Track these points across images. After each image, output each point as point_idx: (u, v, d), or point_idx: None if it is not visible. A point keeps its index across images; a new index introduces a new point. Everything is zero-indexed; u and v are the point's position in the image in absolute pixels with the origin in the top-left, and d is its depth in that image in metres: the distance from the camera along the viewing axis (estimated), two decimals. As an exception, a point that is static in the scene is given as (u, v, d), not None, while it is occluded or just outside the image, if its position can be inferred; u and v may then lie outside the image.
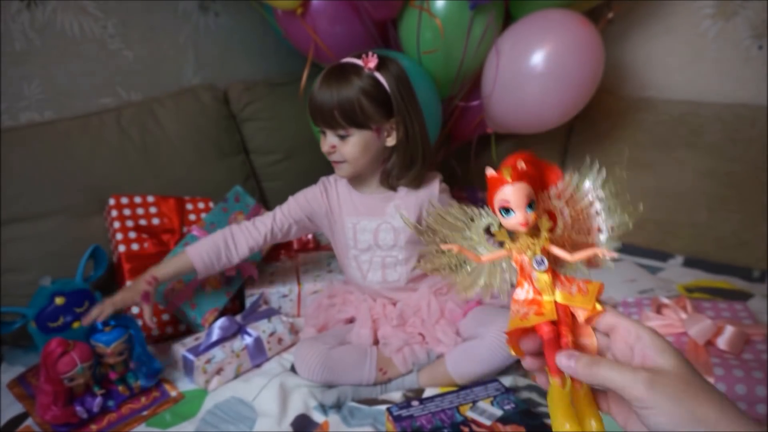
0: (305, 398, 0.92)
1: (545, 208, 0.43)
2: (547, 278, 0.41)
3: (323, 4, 1.20)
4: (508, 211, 0.40)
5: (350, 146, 0.97)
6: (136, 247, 1.14)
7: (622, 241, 0.43)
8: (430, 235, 0.46)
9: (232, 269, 1.15)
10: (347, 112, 0.93)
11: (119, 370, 0.93)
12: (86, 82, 1.32)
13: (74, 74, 1.30)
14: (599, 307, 0.40)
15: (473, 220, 0.45)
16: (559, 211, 0.43)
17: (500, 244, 0.44)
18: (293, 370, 0.99)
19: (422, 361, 0.99)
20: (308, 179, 1.13)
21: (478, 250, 0.45)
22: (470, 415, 0.82)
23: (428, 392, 0.94)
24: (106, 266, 1.09)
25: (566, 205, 0.43)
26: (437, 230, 0.46)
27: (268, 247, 1.10)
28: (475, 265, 0.45)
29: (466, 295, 0.45)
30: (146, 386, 0.95)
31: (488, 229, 0.45)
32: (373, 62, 0.94)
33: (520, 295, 0.42)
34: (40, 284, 1.00)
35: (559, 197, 0.43)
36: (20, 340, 1.08)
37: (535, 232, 0.41)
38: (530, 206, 0.40)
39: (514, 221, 0.40)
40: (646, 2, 1.48)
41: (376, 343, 1.01)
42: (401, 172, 1.01)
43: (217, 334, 1.01)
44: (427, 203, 1.04)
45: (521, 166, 0.40)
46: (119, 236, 1.13)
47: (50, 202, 1.14)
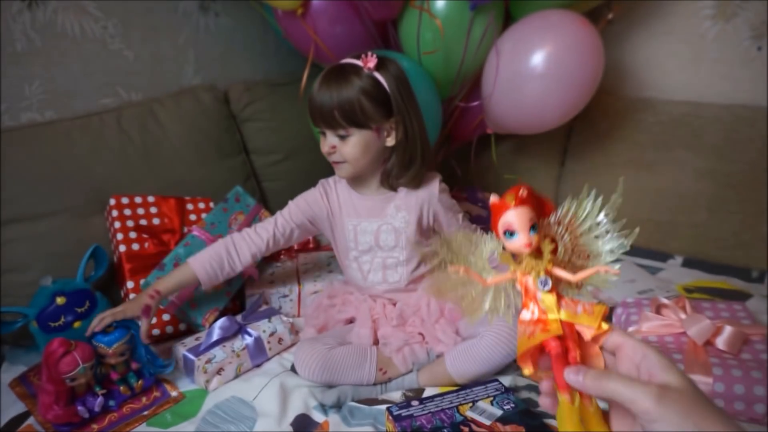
0: (305, 398, 0.92)
1: (546, 233, 0.45)
2: (551, 298, 0.42)
3: (323, 4, 1.20)
4: (512, 234, 0.41)
5: (350, 146, 0.97)
6: (136, 247, 1.14)
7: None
8: (436, 257, 0.47)
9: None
10: (347, 112, 0.94)
11: (121, 370, 0.93)
12: (87, 82, 1.32)
13: (75, 74, 1.30)
14: (605, 326, 0.41)
15: (477, 245, 0.47)
16: (559, 236, 0.45)
17: (503, 268, 0.45)
18: (293, 370, 1.00)
19: (422, 360, 0.99)
20: (308, 179, 1.13)
21: (482, 274, 0.46)
22: (470, 414, 0.82)
23: (428, 392, 0.94)
24: (106, 266, 1.09)
25: (566, 230, 0.45)
26: (443, 254, 0.47)
27: (270, 253, 1.09)
28: (480, 288, 0.46)
29: (471, 318, 0.46)
30: (149, 384, 0.96)
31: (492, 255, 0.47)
32: (372, 62, 0.95)
33: (525, 316, 0.43)
34: (41, 284, 1.01)
35: (558, 223, 0.45)
36: (21, 339, 1.08)
37: (537, 255, 0.43)
38: (533, 229, 0.41)
39: (518, 243, 0.41)
40: (645, 3, 1.48)
41: (376, 342, 1.01)
42: (401, 171, 1.02)
43: (217, 333, 1.01)
44: (427, 203, 1.04)
45: (523, 192, 0.41)
46: (120, 236, 1.14)
47: (51, 202, 1.15)
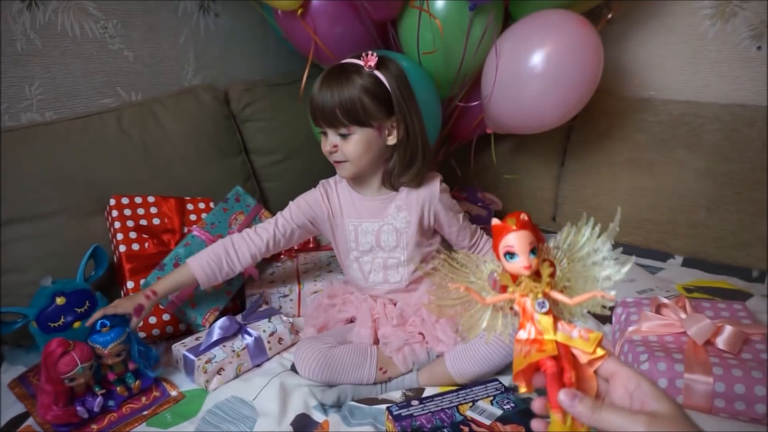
0: (305, 398, 0.92)
1: (545, 257, 0.46)
2: (548, 320, 0.43)
3: (323, 4, 1.20)
4: (512, 255, 0.43)
5: (352, 145, 0.97)
6: (136, 247, 1.14)
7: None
8: (437, 275, 0.49)
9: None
10: (349, 110, 0.94)
11: (118, 370, 0.93)
12: (87, 82, 1.32)
13: (75, 74, 1.30)
14: (600, 351, 0.42)
15: (478, 266, 0.49)
16: (558, 260, 0.46)
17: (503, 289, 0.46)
18: (293, 369, 1.00)
19: (422, 360, 0.99)
20: (308, 179, 1.13)
21: (481, 293, 0.47)
22: (470, 414, 0.82)
23: (428, 391, 0.94)
24: (106, 266, 1.09)
25: (564, 255, 0.46)
26: (444, 273, 0.49)
27: (271, 254, 1.09)
28: (478, 306, 0.47)
29: (469, 335, 0.48)
30: (147, 384, 0.96)
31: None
32: (373, 61, 0.95)
33: (522, 335, 0.44)
34: (40, 284, 1.01)
35: (557, 248, 0.47)
36: (21, 340, 1.08)
37: (536, 277, 0.44)
38: (533, 252, 0.43)
39: (518, 265, 0.43)
40: (645, 3, 1.48)
41: (376, 342, 1.01)
42: (402, 171, 1.02)
43: (217, 333, 1.01)
44: (428, 203, 1.04)
45: (524, 217, 0.43)
46: (120, 236, 1.14)
47: (51, 202, 1.15)
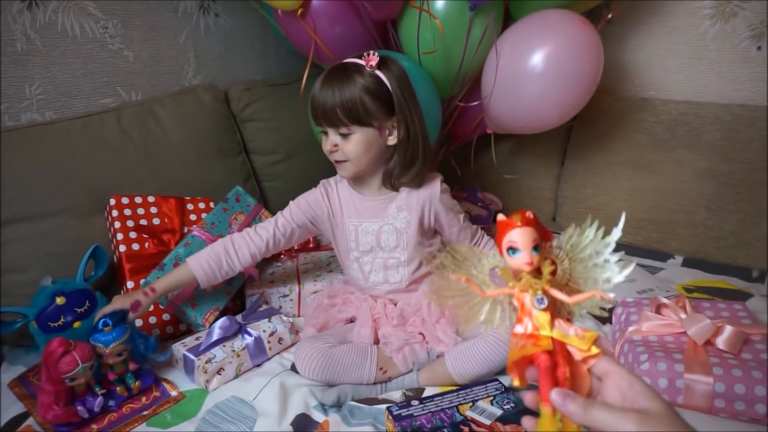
0: (305, 397, 0.92)
1: (547, 255, 0.47)
2: (546, 316, 0.44)
3: (323, 4, 1.20)
4: (515, 251, 0.43)
5: (353, 144, 0.97)
6: (136, 247, 1.14)
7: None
8: (440, 265, 0.49)
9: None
10: (350, 109, 0.94)
11: (118, 370, 0.93)
12: (87, 82, 1.32)
13: (75, 74, 1.30)
14: (595, 350, 0.43)
15: (480, 259, 0.49)
16: (560, 260, 0.47)
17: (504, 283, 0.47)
18: (293, 369, 1.00)
19: (422, 360, 0.99)
20: (308, 179, 1.13)
21: (482, 287, 0.48)
22: (470, 414, 0.82)
23: (428, 391, 0.94)
24: (106, 266, 1.09)
25: (566, 255, 0.47)
26: (446, 263, 0.50)
27: (272, 254, 1.09)
28: (478, 299, 0.48)
29: (466, 326, 0.48)
30: (147, 385, 0.96)
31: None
32: (374, 60, 0.95)
33: (519, 330, 0.44)
34: (40, 284, 1.00)
35: (560, 248, 0.47)
36: (21, 339, 1.08)
37: (537, 274, 0.44)
38: (535, 249, 0.43)
39: (520, 261, 0.43)
40: (645, 3, 1.48)
41: (376, 342, 1.01)
42: (403, 171, 1.02)
43: (217, 333, 1.01)
44: (429, 203, 1.04)
45: (529, 214, 0.44)
46: (120, 236, 1.14)
47: (51, 202, 1.14)
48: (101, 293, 1.05)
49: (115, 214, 1.15)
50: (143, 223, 1.18)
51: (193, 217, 1.26)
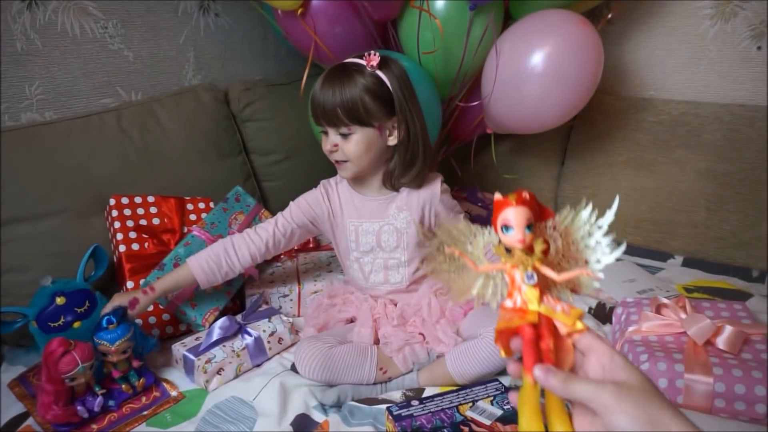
0: (305, 397, 0.92)
1: (540, 234, 0.48)
2: (534, 292, 0.45)
3: (323, 4, 1.20)
4: (508, 228, 0.45)
5: (353, 144, 0.97)
6: (136, 247, 1.14)
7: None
8: (434, 238, 0.51)
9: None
10: (350, 109, 0.94)
11: (122, 368, 0.93)
12: (87, 82, 1.32)
13: (75, 74, 1.30)
14: (580, 325, 0.44)
15: (476, 235, 0.51)
16: (552, 239, 0.48)
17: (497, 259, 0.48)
18: (293, 369, 1.00)
19: (422, 360, 0.99)
20: (308, 179, 1.13)
21: (476, 262, 0.49)
22: (470, 414, 0.82)
23: (428, 392, 0.94)
24: (106, 266, 1.09)
25: (560, 236, 0.48)
26: (442, 238, 0.51)
27: (272, 255, 1.09)
28: (472, 273, 0.50)
29: (458, 300, 0.51)
30: (150, 382, 0.96)
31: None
32: (375, 60, 0.95)
33: (508, 304, 0.46)
34: (40, 284, 1.01)
35: (554, 228, 0.48)
36: (21, 339, 1.08)
37: (529, 252, 0.46)
38: (529, 228, 0.45)
39: (513, 238, 0.45)
40: (645, 3, 1.48)
41: (376, 342, 1.01)
42: (403, 171, 1.02)
43: (217, 333, 1.01)
44: (429, 203, 1.04)
45: (525, 194, 0.45)
46: (120, 236, 1.14)
47: (51, 202, 1.14)
48: (101, 293, 1.05)
49: (114, 214, 1.15)
50: (143, 223, 1.18)
51: (193, 217, 1.26)
